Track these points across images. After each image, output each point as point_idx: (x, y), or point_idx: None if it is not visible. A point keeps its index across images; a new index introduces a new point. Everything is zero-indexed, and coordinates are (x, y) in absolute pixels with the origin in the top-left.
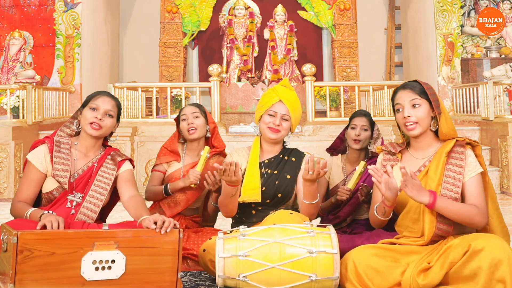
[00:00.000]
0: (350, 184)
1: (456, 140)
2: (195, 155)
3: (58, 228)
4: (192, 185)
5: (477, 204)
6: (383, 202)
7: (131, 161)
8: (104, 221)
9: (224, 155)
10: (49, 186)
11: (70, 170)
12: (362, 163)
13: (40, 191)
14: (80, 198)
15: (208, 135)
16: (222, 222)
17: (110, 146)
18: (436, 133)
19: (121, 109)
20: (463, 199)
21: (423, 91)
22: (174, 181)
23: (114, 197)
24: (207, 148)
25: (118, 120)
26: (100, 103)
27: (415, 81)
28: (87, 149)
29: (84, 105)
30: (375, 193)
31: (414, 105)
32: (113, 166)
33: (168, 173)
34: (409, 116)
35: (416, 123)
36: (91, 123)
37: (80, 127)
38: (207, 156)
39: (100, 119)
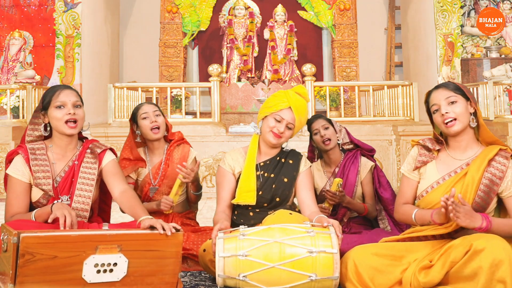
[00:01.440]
0: (326, 204)
1: (500, 149)
2: (157, 153)
3: (72, 225)
4: (164, 212)
5: None
6: (432, 219)
7: (112, 150)
8: (108, 216)
9: (187, 143)
10: (35, 195)
11: (52, 175)
12: (336, 180)
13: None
14: (68, 200)
15: (166, 133)
16: None
17: (86, 138)
18: (475, 133)
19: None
20: (496, 208)
21: (457, 87)
22: (148, 203)
23: (104, 186)
24: (179, 180)
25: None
26: (65, 98)
27: (448, 82)
28: (64, 149)
29: (45, 107)
30: (404, 188)
31: (450, 102)
32: (94, 160)
33: (140, 181)
34: (447, 113)
35: (455, 119)
36: (66, 122)
37: (47, 131)
38: (181, 183)
39: (74, 113)
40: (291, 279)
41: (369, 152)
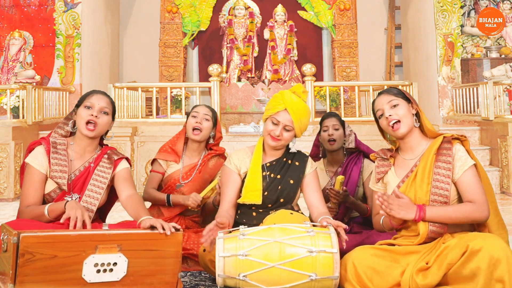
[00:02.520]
0: (331, 204)
1: (444, 137)
2: (194, 155)
3: (83, 225)
4: (190, 208)
5: (474, 199)
6: (391, 223)
7: (127, 159)
8: (104, 221)
9: (224, 158)
10: (48, 187)
11: (68, 171)
12: (339, 178)
13: None
14: (77, 199)
15: (211, 141)
16: None
17: (107, 145)
18: (422, 131)
19: (115, 108)
20: (460, 196)
21: (398, 92)
22: (176, 195)
23: (112, 196)
24: (215, 181)
25: (113, 118)
26: (94, 101)
27: (390, 88)
28: (84, 150)
29: (78, 105)
30: (374, 200)
31: (393, 106)
32: (109, 165)
33: (167, 174)
34: (390, 115)
35: (399, 121)
36: (86, 123)
37: (75, 128)
38: (215, 187)
39: (96, 116)
40: (291, 278)
41: None
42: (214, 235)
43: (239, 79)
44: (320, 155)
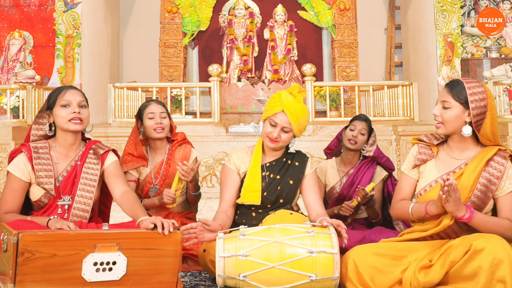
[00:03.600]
0: (355, 202)
1: (499, 149)
2: (160, 153)
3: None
4: (167, 206)
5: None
6: (426, 210)
7: (114, 151)
8: (106, 221)
9: (189, 143)
10: (36, 194)
11: (54, 174)
12: (372, 184)
13: (30, 199)
14: (70, 200)
15: (169, 135)
16: None
17: (90, 139)
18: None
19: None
20: (493, 209)
21: (460, 93)
22: (150, 198)
23: (105, 188)
24: (178, 175)
25: None
26: (70, 97)
27: (458, 82)
28: (67, 149)
29: (51, 107)
30: (402, 185)
31: (444, 107)
32: (96, 161)
33: (141, 180)
34: (436, 115)
35: (442, 123)
36: (71, 120)
37: (53, 130)
38: (179, 179)
39: (79, 112)
40: (291, 279)
41: (389, 170)
42: (197, 234)
43: (239, 79)
44: (337, 153)
